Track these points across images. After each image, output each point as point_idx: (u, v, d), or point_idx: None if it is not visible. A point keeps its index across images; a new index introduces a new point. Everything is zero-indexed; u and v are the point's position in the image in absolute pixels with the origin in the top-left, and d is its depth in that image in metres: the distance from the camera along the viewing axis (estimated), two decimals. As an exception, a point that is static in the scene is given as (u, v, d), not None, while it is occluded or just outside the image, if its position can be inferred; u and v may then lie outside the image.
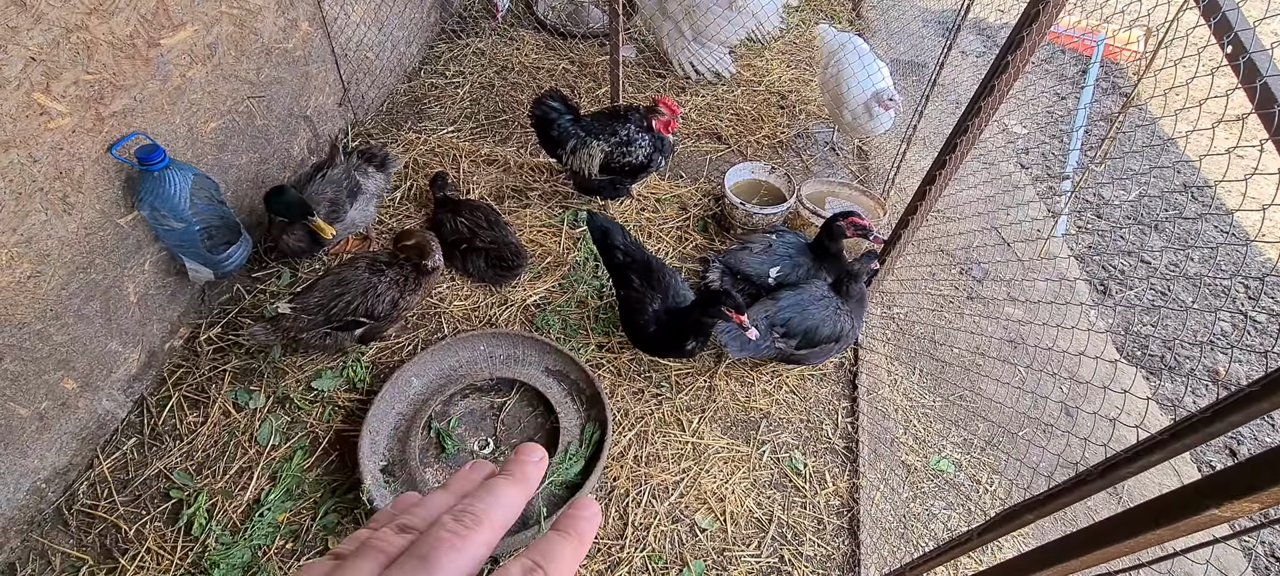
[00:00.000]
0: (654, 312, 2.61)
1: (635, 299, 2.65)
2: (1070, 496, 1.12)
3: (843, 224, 2.75)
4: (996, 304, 3.35)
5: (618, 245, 2.75)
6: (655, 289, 2.66)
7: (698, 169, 3.80)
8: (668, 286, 2.67)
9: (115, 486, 2.37)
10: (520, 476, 0.47)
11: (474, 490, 0.46)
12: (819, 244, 2.85)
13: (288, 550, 2.25)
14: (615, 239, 2.75)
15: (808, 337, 2.60)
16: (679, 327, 2.55)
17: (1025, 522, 1.25)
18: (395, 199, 3.43)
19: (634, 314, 2.65)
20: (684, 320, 2.54)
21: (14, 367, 2.07)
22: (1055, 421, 2.98)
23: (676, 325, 2.56)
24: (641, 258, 2.74)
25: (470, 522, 0.41)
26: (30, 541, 2.23)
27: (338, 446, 2.50)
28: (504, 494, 0.45)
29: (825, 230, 2.82)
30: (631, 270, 2.71)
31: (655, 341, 2.64)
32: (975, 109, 2.32)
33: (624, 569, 2.28)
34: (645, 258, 2.74)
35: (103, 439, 2.47)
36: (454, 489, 0.47)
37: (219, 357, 2.72)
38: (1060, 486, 1.13)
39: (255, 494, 2.36)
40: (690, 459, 2.57)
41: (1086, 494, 1.08)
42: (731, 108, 4.19)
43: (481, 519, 0.42)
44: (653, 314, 2.61)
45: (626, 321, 2.73)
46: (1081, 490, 1.08)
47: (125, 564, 2.18)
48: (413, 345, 2.84)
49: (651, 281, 2.67)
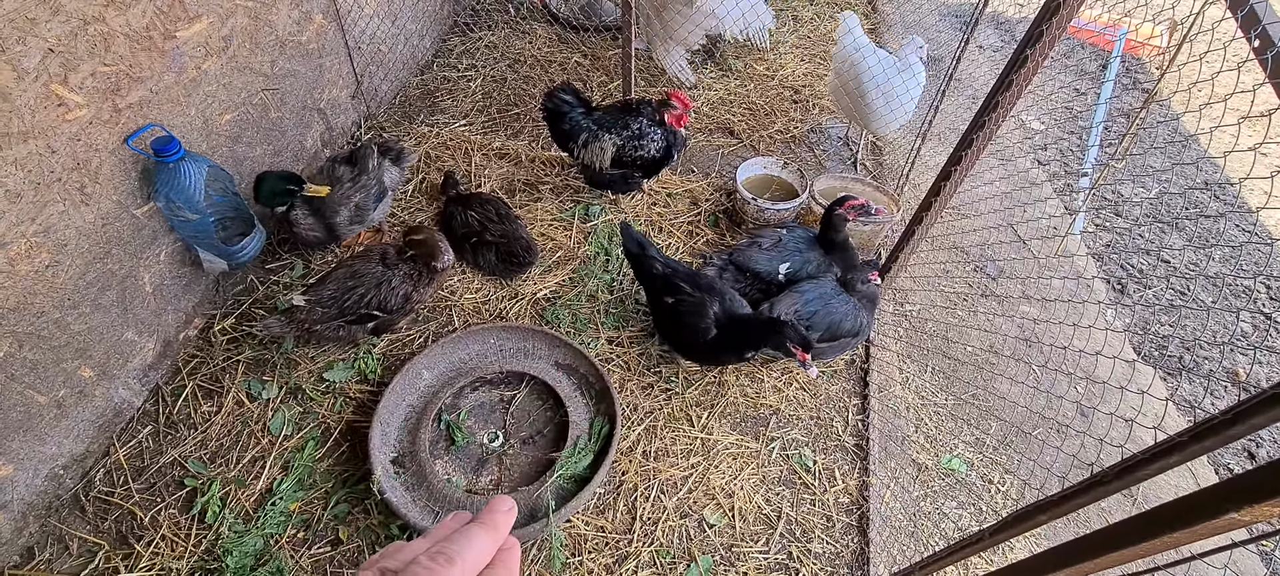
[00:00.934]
0: (714, 316, 2.53)
1: (692, 305, 2.56)
2: (1085, 497, 1.10)
3: (842, 211, 2.73)
4: (1011, 302, 3.31)
5: (654, 256, 2.70)
6: (711, 294, 2.58)
7: (709, 164, 3.79)
8: (722, 293, 2.61)
9: (131, 473, 2.40)
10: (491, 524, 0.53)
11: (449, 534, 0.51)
12: (825, 237, 2.83)
13: (299, 539, 2.28)
14: (652, 251, 2.71)
15: (831, 331, 2.59)
16: (742, 335, 2.48)
17: (1038, 523, 1.23)
18: (407, 192, 3.44)
19: (692, 319, 2.55)
20: (745, 330, 2.48)
21: (33, 355, 2.10)
22: (1070, 422, 2.94)
23: (739, 332, 2.49)
24: (683, 268, 2.70)
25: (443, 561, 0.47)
26: (48, 526, 2.27)
27: (349, 437, 2.51)
28: (476, 538, 0.51)
29: (825, 221, 2.81)
30: (678, 278, 2.65)
31: (714, 346, 2.54)
32: (992, 104, 2.28)
33: (632, 562, 2.28)
34: (686, 268, 2.71)
35: (119, 427, 2.50)
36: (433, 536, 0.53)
37: (233, 348, 2.75)
38: (1075, 487, 1.12)
39: (268, 483, 2.39)
40: (699, 454, 2.56)
41: (1102, 495, 1.07)
42: (744, 102, 4.17)
43: (454, 558, 0.48)
44: (713, 319, 2.53)
45: (678, 329, 2.62)
46: (1097, 491, 1.06)
47: (140, 550, 2.21)
48: (423, 338, 2.85)
49: (702, 288, 2.60)
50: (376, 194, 2.90)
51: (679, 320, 2.59)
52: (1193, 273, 3.86)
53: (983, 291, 3.41)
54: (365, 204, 2.86)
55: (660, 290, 2.68)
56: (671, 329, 2.66)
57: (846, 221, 2.76)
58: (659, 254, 2.72)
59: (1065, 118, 4.70)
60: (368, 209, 2.88)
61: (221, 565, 2.17)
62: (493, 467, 2.47)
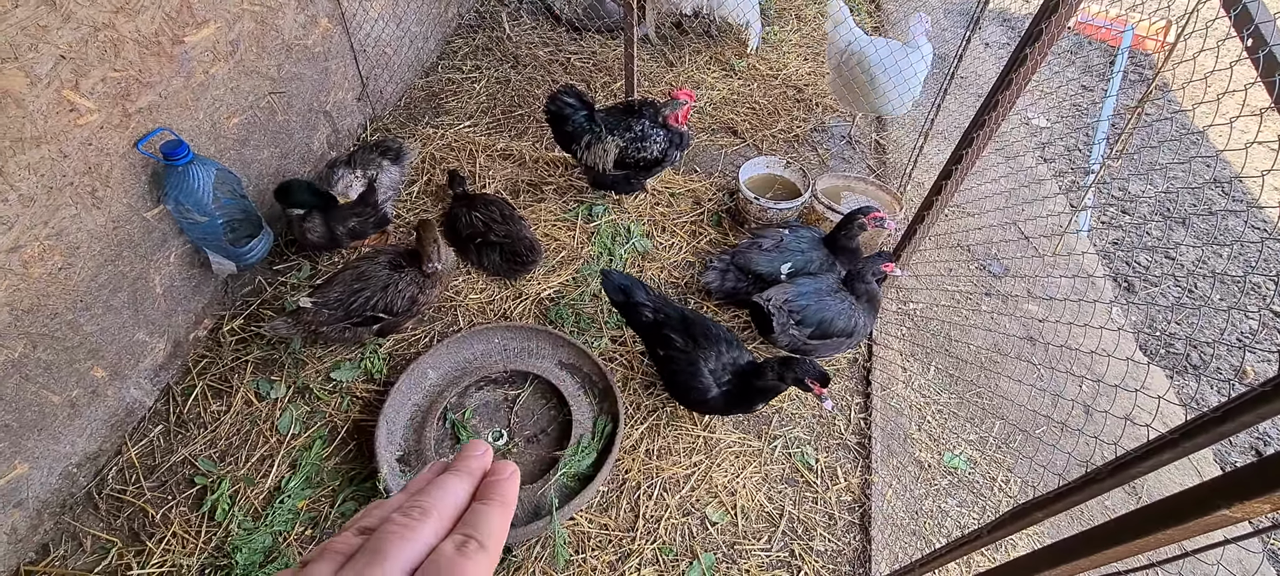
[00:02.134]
0: (712, 374, 2.34)
1: (683, 360, 2.37)
2: (1079, 495, 1.11)
3: (865, 220, 2.72)
4: (1016, 300, 3.31)
5: (642, 302, 2.52)
6: (703, 346, 2.37)
7: (712, 163, 3.80)
8: (717, 338, 2.40)
9: (143, 472, 2.44)
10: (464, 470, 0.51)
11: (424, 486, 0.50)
12: (834, 238, 2.84)
13: (307, 536, 2.31)
14: (638, 296, 2.53)
15: (822, 328, 2.59)
16: (747, 390, 2.34)
17: (1036, 520, 1.24)
18: (413, 193, 3.47)
19: (685, 377, 2.37)
20: (752, 383, 2.32)
21: (46, 356, 2.14)
22: (1073, 420, 2.94)
23: (745, 388, 2.34)
24: (675, 312, 2.48)
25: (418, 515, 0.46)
26: (62, 523, 2.31)
27: (356, 436, 2.54)
28: (450, 485, 0.49)
29: (843, 225, 2.80)
30: (667, 327, 2.45)
31: (720, 405, 2.38)
32: (992, 102, 2.29)
33: (634, 560, 2.30)
34: (680, 312, 2.48)
35: (131, 426, 2.54)
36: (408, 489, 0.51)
37: (241, 348, 2.79)
38: (1070, 484, 1.12)
39: (276, 481, 2.42)
40: (701, 453, 2.58)
41: (1097, 492, 1.07)
42: (747, 102, 4.18)
43: (429, 510, 0.46)
44: (711, 376, 2.34)
45: (674, 386, 2.46)
46: (1091, 488, 1.07)
47: (152, 547, 2.25)
48: (429, 338, 2.88)
49: (696, 337, 2.40)
50: (376, 221, 2.95)
51: (674, 376, 2.43)
52: (1199, 270, 3.84)
53: (987, 290, 3.41)
54: (364, 222, 2.92)
55: (652, 340, 2.52)
56: (669, 383, 2.51)
57: (865, 231, 2.75)
58: (649, 296, 2.55)
59: (1072, 115, 4.68)
60: (367, 225, 2.93)
61: (231, 562, 2.20)
62: (497, 466, 2.49)
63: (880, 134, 4.04)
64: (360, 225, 2.91)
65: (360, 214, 2.89)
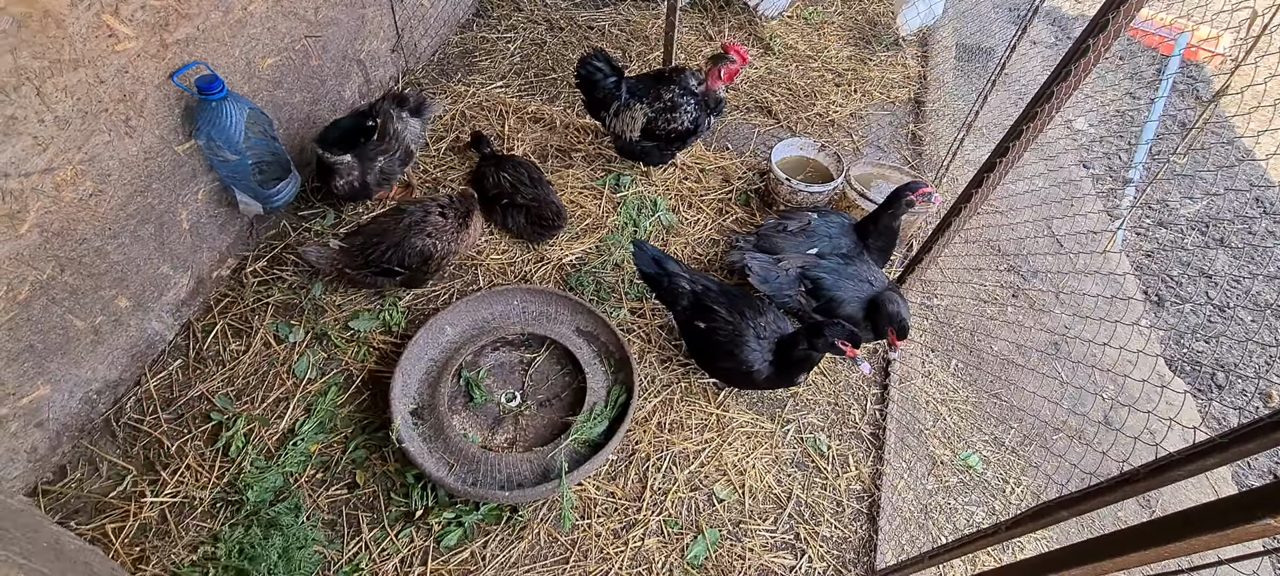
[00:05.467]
0: (757, 348, 2.29)
1: (728, 331, 2.31)
2: (1112, 495, 1.07)
3: (913, 197, 2.61)
4: (1043, 304, 3.24)
5: (677, 273, 2.47)
6: (749, 317, 2.31)
7: (744, 142, 3.74)
8: (762, 311, 2.35)
9: (160, 404, 2.47)
10: None
11: None
12: (867, 225, 2.77)
13: (317, 480, 2.33)
14: (672, 267, 2.50)
15: (830, 306, 2.55)
16: (787, 362, 2.30)
17: (1059, 519, 1.21)
18: (439, 149, 3.46)
19: (731, 349, 2.31)
20: (789, 354, 2.29)
21: (73, 281, 2.16)
22: (1094, 431, 2.89)
23: (785, 359, 2.30)
24: (714, 284, 2.43)
25: None
26: (80, 447, 2.34)
27: (370, 386, 2.56)
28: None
29: (889, 202, 2.69)
30: (709, 299, 2.39)
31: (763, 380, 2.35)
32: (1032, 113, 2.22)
33: (639, 530, 2.30)
34: (718, 284, 2.42)
35: (151, 358, 2.57)
36: None
37: (263, 290, 2.80)
38: (1104, 482, 1.09)
39: (290, 424, 2.44)
40: (713, 430, 2.57)
41: (1129, 494, 1.04)
42: (784, 82, 4.10)
43: None
44: (758, 349, 2.29)
45: (715, 358, 2.41)
46: (1125, 489, 1.04)
47: (166, 477, 2.28)
48: (449, 295, 2.87)
49: (741, 309, 2.34)
50: (401, 157, 2.92)
51: (715, 350, 2.39)
52: (1234, 290, 3.74)
53: (1014, 291, 3.34)
54: (390, 168, 2.89)
55: (690, 313, 2.47)
56: (707, 357, 2.47)
57: (912, 207, 2.66)
58: (683, 268, 2.53)
59: (1115, 121, 4.55)
60: (393, 172, 2.91)
61: (242, 498, 2.23)
62: (509, 427, 2.50)
63: (918, 125, 3.96)
64: (387, 164, 2.88)
65: (386, 149, 2.86)
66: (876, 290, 2.54)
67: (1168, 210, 4.06)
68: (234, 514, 2.21)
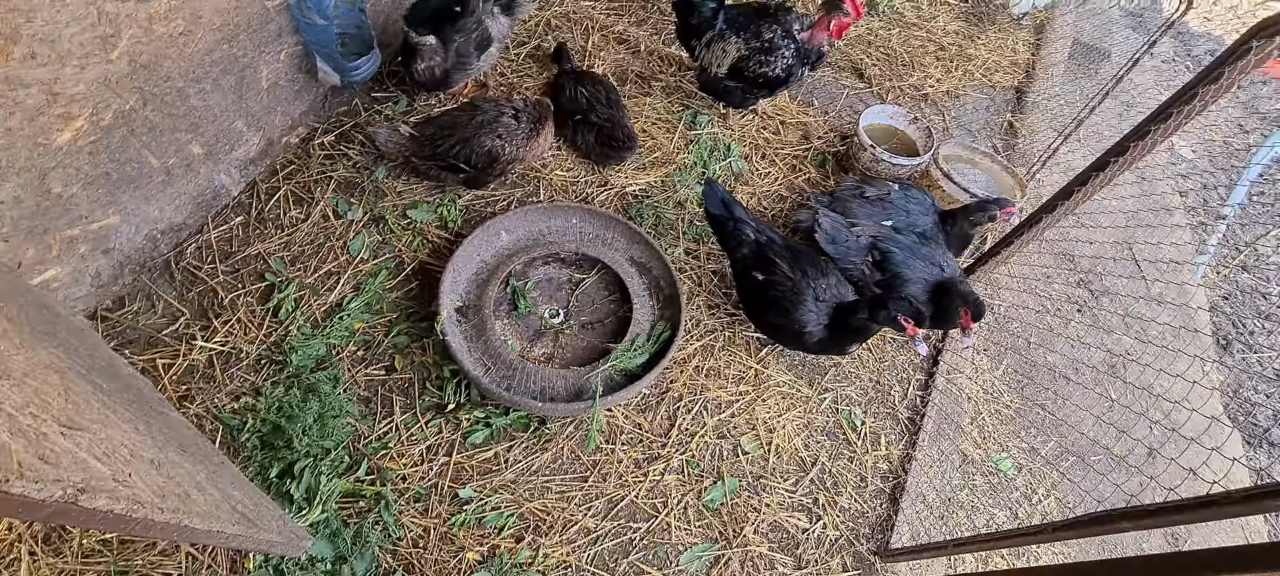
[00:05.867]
0: (814, 310, 2.25)
1: (787, 287, 2.26)
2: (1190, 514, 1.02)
3: (998, 213, 2.54)
4: (1108, 324, 3.11)
5: (743, 219, 2.42)
6: (811, 276, 2.26)
7: (831, 100, 3.60)
8: (824, 272, 2.30)
9: (219, 255, 2.53)
10: None
11: None
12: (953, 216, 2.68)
13: (358, 356, 2.38)
14: (739, 213, 2.45)
15: (893, 281, 2.47)
16: (842, 329, 2.26)
17: (1119, 529, 1.17)
18: (519, 56, 3.39)
19: (786, 306, 2.27)
20: (846, 321, 2.24)
21: (153, 117, 2.18)
22: (1134, 458, 2.80)
23: (840, 326, 2.26)
24: (779, 238, 2.37)
25: None
26: (140, 282, 2.42)
27: (420, 276, 2.58)
28: None
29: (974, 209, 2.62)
30: (772, 251, 2.34)
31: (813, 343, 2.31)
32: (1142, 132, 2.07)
33: (661, 465, 2.31)
34: (783, 238, 2.36)
35: (215, 209, 2.62)
36: None
37: (328, 164, 2.82)
38: (1186, 500, 1.04)
39: (339, 298, 2.48)
40: (749, 384, 2.54)
41: (1214, 517, 0.99)
42: (883, 46, 3.91)
43: None
44: (815, 310, 2.25)
45: (767, 312, 2.37)
46: (1210, 511, 0.99)
47: (217, 325, 2.35)
48: (507, 203, 2.86)
49: (803, 266, 2.29)
50: (479, 41, 2.83)
51: (769, 304, 2.35)
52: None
53: (1080, 306, 3.21)
54: (465, 50, 2.81)
55: (750, 262, 2.42)
56: (759, 310, 2.44)
57: (993, 222, 2.57)
58: (749, 216, 2.47)
59: (1220, 151, 4.27)
60: (469, 55, 2.82)
61: (286, 359, 2.29)
62: (548, 341, 2.51)
63: (1016, 115, 3.76)
64: (463, 44, 2.81)
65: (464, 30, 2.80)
66: (946, 276, 2.45)
67: (1256, 255, 3.83)
68: (276, 372, 2.28)
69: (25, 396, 1.10)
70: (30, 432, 1.00)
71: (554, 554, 2.09)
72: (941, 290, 2.41)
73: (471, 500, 2.14)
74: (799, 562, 2.23)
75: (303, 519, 1.98)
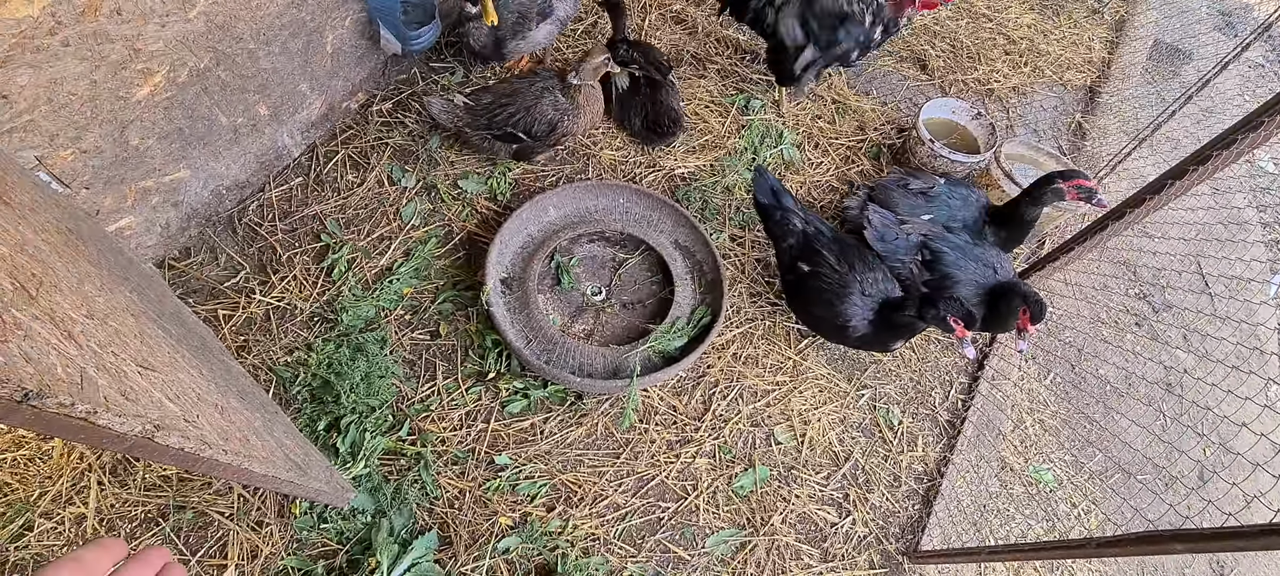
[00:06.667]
0: (860, 304, 2.23)
1: (833, 281, 2.25)
2: (1246, 542, 0.98)
3: (1063, 186, 2.35)
4: (1167, 341, 2.98)
5: (792, 209, 2.39)
6: (858, 270, 2.24)
7: (891, 91, 3.51)
8: (871, 265, 2.27)
9: (278, 214, 2.62)
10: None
11: None
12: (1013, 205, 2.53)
13: (405, 320, 2.45)
14: (788, 202, 2.42)
15: (942, 282, 2.41)
16: (887, 325, 2.23)
17: (1170, 550, 1.13)
18: (577, 31, 3.40)
19: (831, 299, 2.26)
20: (892, 317, 2.22)
21: (225, 76, 2.27)
22: (1185, 480, 2.69)
23: (885, 322, 2.23)
24: (827, 230, 2.34)
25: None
26: (205, 235, 2.53)
27: (467, 245, 2.63)
28: None
29: (1033, 189, 2.45)
30: (819, 243, 2.32)
31: (857, 339, 2.30)
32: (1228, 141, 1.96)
33: (693, 448, 2.33)
34: (832, 230, 2.33)
35: (276, 169, 2.71)
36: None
37: (385, 131, 2.89)
38: (1250, 527, 1.00)
39: (390, 262, 2.56)
40: (787, 375, 2.53)
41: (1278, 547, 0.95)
42: (950, 37, 3.78)
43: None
44: (859, 305, 2.23)
45: (809, 304, 2.35)
46: (1272, 540, 0.95)
47: (274, 281, 2.45)
48: (556, 179, 2.89)
49: (851, 261, 2.28)
50: (541, 8, 2.83)
51: (814, 296, 2.32)
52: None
53: (1138, 320, 3.09)
54: (527, 12, 2.81)
55: (796, 253, 2.40)
56: (803, 302, 2.41)
57: (1061, 199, 2.38)
58: (798, 206, 2.45)
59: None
60: (530, 17, 2.82)
61: (337, 318, 2.38)
62: (589, 318, 2.53)
63: (1086, 116, 3.60)
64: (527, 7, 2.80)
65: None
66: (1000, 279, 2.38)
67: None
68: (328, 330, 2.36)
69: (107, 335, 1.17)
70: (113, 369, 1.07)
71: (583, 525, 2.13)
72: (1000, 292, 2.33)
73: (506, 467, 2.19)
74: (825, 556, 2.23)
75: (347, 471, 2.07)
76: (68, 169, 1.94)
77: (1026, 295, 2.22)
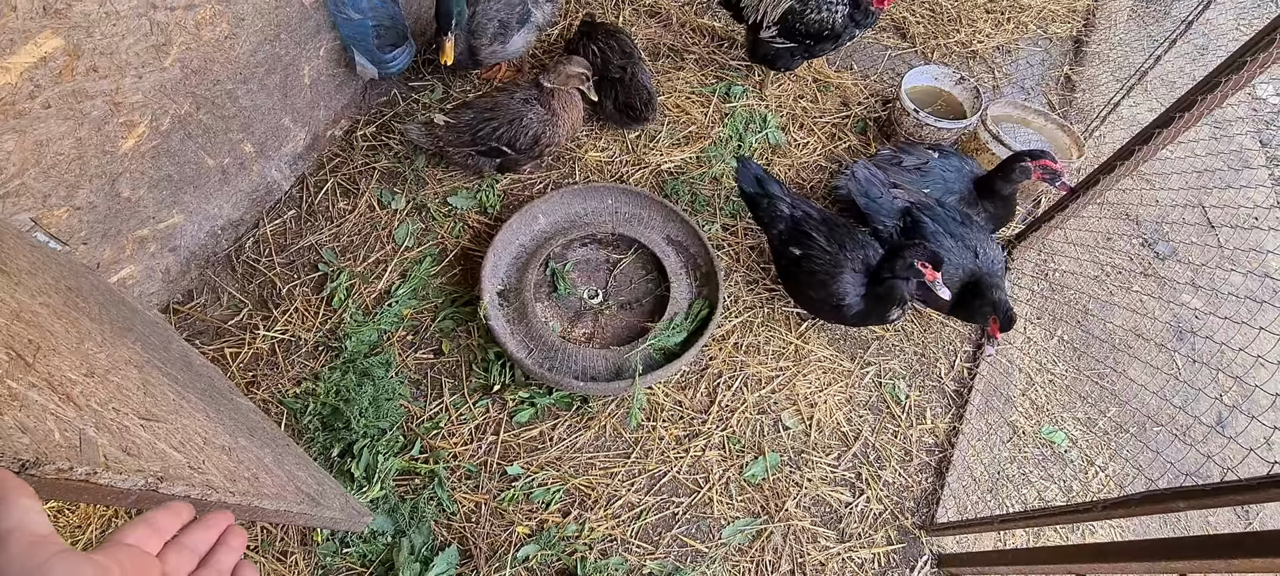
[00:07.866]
0: (852, 281, 2.24)
1: (825, 262, 2.26)
2: (1251, 495, 0.98)
3: (1030, 165, 2.37)
4: (1175, 287, 2.94)
5: (779, 195, 2.39)
6: (848, 249, 2.25)
7: (871, 63, 3.48)
8: (861, 244, 2.27)
9: (275, 248, 2.65)
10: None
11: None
12: (989, 182, 2.55)
13: (407, 341, 2.47)
14: (774, 188, 2.42)
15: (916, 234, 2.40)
16: (876, 297, 2.24)
17: (1173, 509, 1.13)
18: (551, 36, 3.39)
19: (824, 280, 2.27)
20: (878, 290, 2.23)
21: (207, 120, 2.29)
22: (1199, 432, 2.67)
23: (874, 294, 2.24)
24: (815, 211, 2.35)
25: None
26: (205, 276, 2.57)
27: (462, 261, 2.65)
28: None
29: (1003, 167, 2.48)
30: (808, 225, 2.33)
31: (853, 316, 2.31)
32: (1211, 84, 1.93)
33: (701, 441, 2.34)
34: (820, 211, 2.34)
35: (268, 204, 2.74)
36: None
37: (371, 155, 2.91)
38: (1245, 481, 0.99)
39: (387, 285, 2.58)
40: (790, 359, 2.53)
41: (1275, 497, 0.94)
42: (928, 2, 3.73)
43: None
44: (851, 281, 2.24)
45: (804, 287, 2.36)
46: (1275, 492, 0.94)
47: (277, 315, 2.48)
48: (544, 185, 2.90)
49: (840, 240, 2.29)
50: (520, 15, 2.83)
51: (806, 279, 2.33)
52: None
53: (1144, 269, 3.05)
54: (508, 21, 2.81)
55: (786, 238, 2.40)
56: (797, 286, 2.42)
57: (1027, 178, 2.41)
58: (784, 191, 2.44)
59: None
60: (511, 27, 2.82)
61: (341, 345, 2.40)
62: (588, 322, 2.55)
63: (1074, 68, 3.55)
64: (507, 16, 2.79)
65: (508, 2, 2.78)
66: (980, 268, 2.35)
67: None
68: (333, 358, 2.39)
69: (109, 392, 1.20)
70: (113, 426, 1.10)
71: (599, 528, 2.15)
72: (975, 289, 2.31)
73: (519, 477, 2.22)
74: (842, 536, 2.24)
75: (363, 495, 2.10)
76: (63, 227, 1.97)
77: (996, 303, 2.19)
